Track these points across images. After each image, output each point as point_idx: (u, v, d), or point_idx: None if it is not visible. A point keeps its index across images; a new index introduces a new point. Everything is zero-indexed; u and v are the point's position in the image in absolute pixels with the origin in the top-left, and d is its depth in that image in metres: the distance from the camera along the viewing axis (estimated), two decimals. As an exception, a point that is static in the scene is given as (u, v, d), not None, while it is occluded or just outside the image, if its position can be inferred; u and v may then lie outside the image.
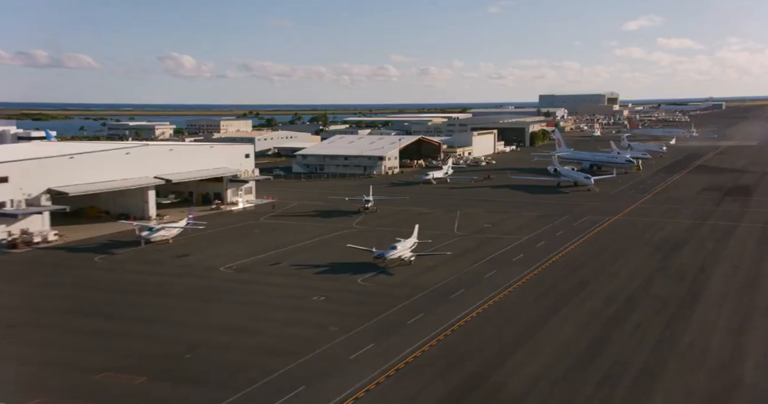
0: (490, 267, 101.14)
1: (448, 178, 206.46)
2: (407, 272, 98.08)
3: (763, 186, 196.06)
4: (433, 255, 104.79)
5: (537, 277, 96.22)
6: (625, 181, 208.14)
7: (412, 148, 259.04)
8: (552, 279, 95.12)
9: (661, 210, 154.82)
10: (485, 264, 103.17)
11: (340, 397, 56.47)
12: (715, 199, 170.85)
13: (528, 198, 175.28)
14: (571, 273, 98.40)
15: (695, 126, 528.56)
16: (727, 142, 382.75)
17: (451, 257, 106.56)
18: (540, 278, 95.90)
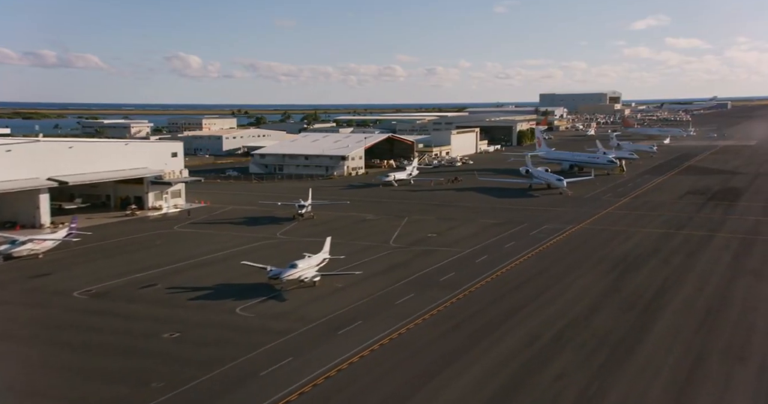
0: (409, 290, 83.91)
1: (411, 180, 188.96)
2: (305, 297, 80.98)
3: (753, 189, 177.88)
4: (342, 275, 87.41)
5: (459, 303, 78.91)
6: (604, 183, 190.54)
7: (384, 148, 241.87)
8: (476, 306, 77.85)
9: (633, 217, 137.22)
10: (404, 286, 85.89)
11: None
12: (696, 204, 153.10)
13: (491, 202, 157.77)
14: (502, 298, 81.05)
15: (696, 125, 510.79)
16: (725, 141, 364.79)
17: (368, 276, 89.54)
18: (462, 305, 78.60)
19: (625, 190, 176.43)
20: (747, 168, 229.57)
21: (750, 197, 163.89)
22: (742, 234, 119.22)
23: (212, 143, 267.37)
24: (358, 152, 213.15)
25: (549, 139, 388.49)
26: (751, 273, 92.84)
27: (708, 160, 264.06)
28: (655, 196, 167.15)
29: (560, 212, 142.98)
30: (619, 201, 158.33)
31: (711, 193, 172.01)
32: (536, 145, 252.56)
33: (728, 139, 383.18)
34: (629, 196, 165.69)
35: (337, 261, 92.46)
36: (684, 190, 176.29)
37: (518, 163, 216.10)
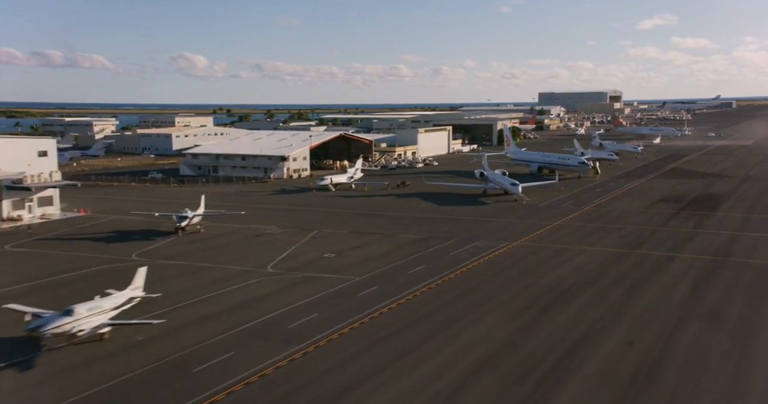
0: (233, 345, 60.25)
1: (353, 184, 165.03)
2: (77, 357, 57.37)
3: (737, 196, 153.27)
4: (141, 325, 63.71)
5: (282, 372, 55.09)
6: (570, 187, 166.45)
7: (341, 147, 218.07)
8: (304, 377, 54.06)
9: (586, 231, 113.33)
10: (233, 338, 62.33)
11: None
12: (666, 215, 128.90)
13: (429, 211, 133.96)
14: (350, 362, 57.24)
15: (696, 124, 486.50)
16: (720, 141, 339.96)
17: (187, 323, 65.90)
18: (286, 374, 54.81)
19: (591, 196, 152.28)
20: (735, 170, 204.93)
21: (731, 206, 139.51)
22: (709, 256, 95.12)
23: (161, 142, 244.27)
24: (301, 152, 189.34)
25: (535, 138, 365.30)
26: (705, 317, 68.86)
27: (696, 161, 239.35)
28: (622, 203, 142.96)
29: (503, 224, 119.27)
30: (578, 210, 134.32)
31: (687, 200, 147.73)
32: (505, 144, 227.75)
33: (724, 138, 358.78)
34: (592, 204, 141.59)
35: (151, 303, 68.87)
36: (657, 197, 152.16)
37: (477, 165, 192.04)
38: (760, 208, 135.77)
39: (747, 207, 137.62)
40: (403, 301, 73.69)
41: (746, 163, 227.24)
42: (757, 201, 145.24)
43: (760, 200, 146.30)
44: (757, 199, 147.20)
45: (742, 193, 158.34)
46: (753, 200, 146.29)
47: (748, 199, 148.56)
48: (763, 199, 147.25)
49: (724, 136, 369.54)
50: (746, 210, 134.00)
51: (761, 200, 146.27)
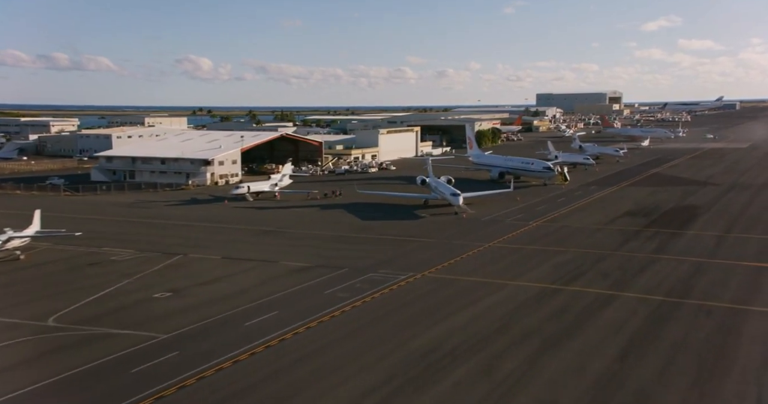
0: None
1: (277, 192, 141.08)
2: None
3: (717, 208, 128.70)
4: None
5: None
6: (530, 196, 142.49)
7: (287, 150, 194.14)
8: None
9: (520, 255, 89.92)
10: None
11: None
12: (627, 233, 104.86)
13: (346, 228, 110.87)
14: None
15: (695, 126, 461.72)
16: (715, 143, 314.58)
17: None
18: None
19: (548, 208, 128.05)
20: (723, 177, 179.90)
21: (707, 222, 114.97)
22: (661, 296, 71.15)
23: (100, 143, 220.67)
24: (231, 155, 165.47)
25: (519, 140, 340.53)
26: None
27: (682, 165, 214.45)
28: (580, 218, 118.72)
29: (425, 245, 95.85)
30: (524, 226, 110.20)
31: (657, 214, 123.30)
32: (468, 146, 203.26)
33: (720, 140, 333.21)
34: (545, 218, 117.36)
35: None
36: (624, 209, 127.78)
37: (438, 170, 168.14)
38: (739, 225, 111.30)
39: (725, 223, 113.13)
40: (193, 381, 49.59)
41: (737, 168, 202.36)
42: (738, 215, 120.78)
43: (742, 214, 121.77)
44: (739, 213, 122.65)
45: (724, 204, 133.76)
46: (734, 214, 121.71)
47: (728, 212, 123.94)
48: (746, 213, 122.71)
49: (720, 138, 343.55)
50: (723, 227, 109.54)
51: (744, 214, 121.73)
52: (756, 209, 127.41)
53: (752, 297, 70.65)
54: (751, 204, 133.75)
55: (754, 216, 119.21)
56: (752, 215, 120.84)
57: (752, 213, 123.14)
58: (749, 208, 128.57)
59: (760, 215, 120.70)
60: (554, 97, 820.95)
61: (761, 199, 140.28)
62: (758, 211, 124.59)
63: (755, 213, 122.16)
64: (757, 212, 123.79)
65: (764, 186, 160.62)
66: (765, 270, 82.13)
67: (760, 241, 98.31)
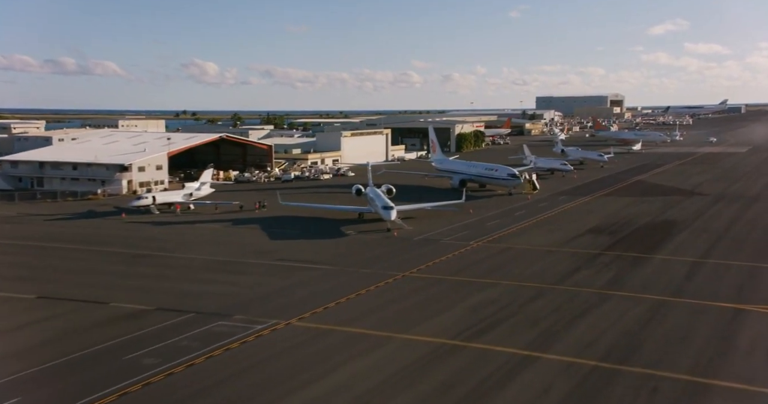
0: None
1: (191, 204, 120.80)
2: None
3: (698, 225, 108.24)
4: None
5: None
6: (483, 209, 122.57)
7: (235, 154, 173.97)
8: None
9: (432, 292, 70.52)
10: None
11: None
12: (582, 257, 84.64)
13: (243, 251, 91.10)
14: None
15: (696, 129, 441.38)
16: (713, 147, 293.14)
17: None
18: None
19: (501, 224, 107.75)
20: (713, 186, 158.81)
21: (682, 243, 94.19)
22: (595, 358, 50.39)
23: (39, 145, 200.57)
24: (155, 159, 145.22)
25: (506, 144, 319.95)
26: None
27: (671, 172, 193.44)
28: (531, 237, 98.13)
29: (317, 276, 76.11)
30: (459, 248, 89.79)
31: (626, 231, 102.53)
32: (430, 150, 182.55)
33: (719, 144, 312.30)
34: (490, 237, 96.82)
35: None
36: (590, 225, 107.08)
37: (393, 177, 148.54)
38: (721, 248, 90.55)
39: (704, 245, 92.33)
40: None
41: (730, 175, 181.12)
42: (721, 234, 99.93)
43: (726, 233, 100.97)
44: (723, 232, 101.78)
45: (708, 219, 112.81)
46: (716, 233, 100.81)
47: (710, 230, 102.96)
48: (730, 232, 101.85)
49: (719, 141, 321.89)
50: (701, 250, 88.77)
51: (728, 233, 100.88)
52: (743, 227, 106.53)
53: (720, 366, 49.97)
54: (738, 219, 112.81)
55: (740, 237, 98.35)
56: (737, 235, 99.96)
57: (738, 232, 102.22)
58: (735, 225, 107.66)
59: (747, 235, 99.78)
60: (554, 100, 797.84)
61: (751, 213, 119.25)
62: (745, 230, 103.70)
63: (741, 233, 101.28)
64: (744, 231, 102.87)
65: (757, 197, 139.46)
66: (745, 316, 61.42)
67: (743, 271, 77.60)
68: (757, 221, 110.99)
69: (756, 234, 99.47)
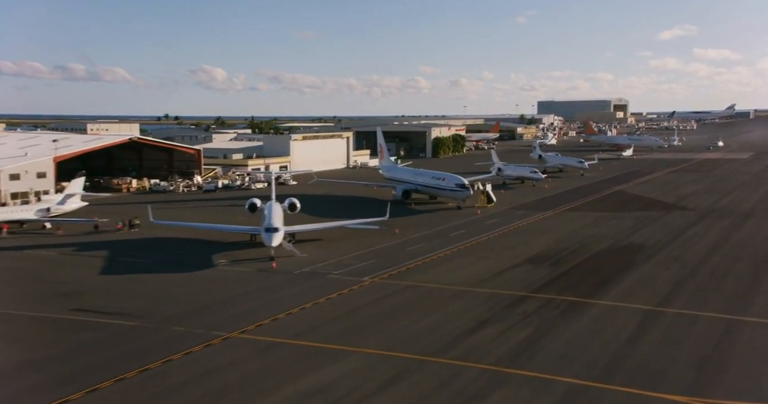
0: None
1: (47, 223, 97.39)
2: None
3: (668, 252, 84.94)
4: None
5: None
6: (415, 227, 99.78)
7: (159, 159, 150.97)
8: None
9: (227, 380, 45.24)
10: None
11: None
12: (497, 304, 62.29)
13: (48, 291, 66.83)
14: None
15: (701, 134, 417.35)
16: (712, 153, 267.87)
17: None
18: None
19: (420, 250, 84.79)
20: (701, 198, 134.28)
21: (640, 280, 70.58)
22: None
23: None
24: (36, 165, 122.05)
25: (490, 149, 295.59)
26: None
27: (658, 181, 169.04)
28: (452, 268, 75.30)
29: (91, 341, 52.09)
30: (347, 286, 67.14)
31: (576, 260, 79.15)
32: (378, 156, 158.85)
33: (719, 150, 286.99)
34: (397, 268, 73.90)
35: None
36: (534, 251, 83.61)
37: (333, 187, 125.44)
38: (690, 288, 67.23)
39: (668, 283, 68.71)
40: None
41: (724, 185, 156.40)
42: (696, 265, 76.29)
43: (703, 264, 77.18)
44: (700, 261, 78.05)
45: (684, 243, 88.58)
46: (690, 264, 76.91)
47: (683, 260, 78.90)
48: (709, 262, 78.02)
49: (715, 149, 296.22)
50: (662, 292, 65.19)
51: (705, 264, 77.09)
52: (726, 255, 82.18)
53: None
54: (722, 244, 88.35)
55: (719, 270, 74.18)
56: (717, 267, 75.70)
57: (718, 263, 77.88)
58: (717, 253, 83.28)
59: (730, 267, 75.50)
60: (556, 104, 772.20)
61: (740, 235, 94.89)
62: (728, 260, 79.37)
63: (722, 264, 77.03)
64: (727, 261, 78.56)
65: (750, 213, 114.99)
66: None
67: (712, 330, 53.48)
68: (746, 246, 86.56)
69: (741, 267, 75.12)
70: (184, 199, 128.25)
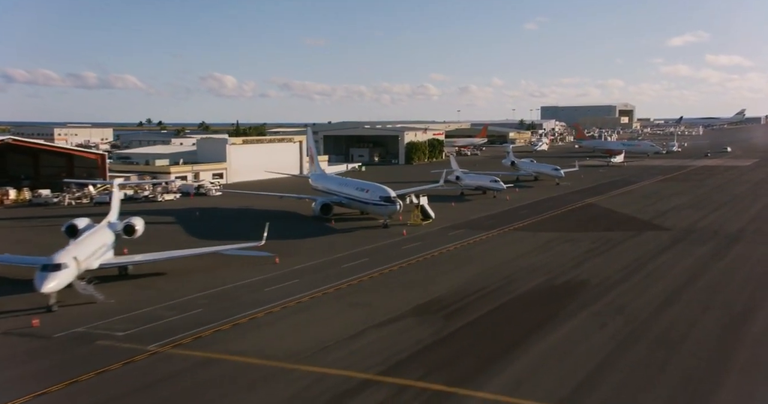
0: None
1: None
2: None
3: (616, 297, 60.51)
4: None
5: None
6: (305, 255, 77.49)
7: (58, 166, 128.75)
8: None
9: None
10: None
11: None
12: (309, 401, 35.56)
13: None
14: None
15: (706, 140, 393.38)
16: (713, 160, 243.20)
17: None
18: None
19: (279, 292, 61.96)
20: (683, 214, 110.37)
21: (556, 346, 48.41)
22: None
23: None
24: None
25: (474, 155, 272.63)
26: None
27: (639, 192, 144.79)
28: (296, 326, 53.09)
29: None
30: (113, 363, 43.00)
31: (479, 312, 56.31)
32: (309, 164, 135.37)
33: (722, 156, 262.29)
34: (213, 326, 50.50)
35: None
36: (429, 295, 59.72)
37: (248, 199, 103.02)
38: (623, 366, 44.29)
39: (596, 354, 45.12)
40: None
41: (716, 198, 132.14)
42: (645, 322, 53.61)
43: (654, 320, 54.28)
44: (651, 315, 55.49)
45: (640, 282, 64.98)
46: (637, 319, 54.56)
47: (629, 310, 55.79)
48: (663, 316, 55.17)
49: (713, 155, 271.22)
50: (581, 372, 41.33)
51: (658, 320, 54.16)
52: (691, 303, 58.75)
53: None
54: (689, 285, 64.50)
55: (676, 332, 51.24)
56: (674, 324, 52.90)
57: (677, 317, 54.80)
58: (679, 298, 59.73)
59: (692, 325, 52.27)
60: (560, 109, 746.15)
61: (718, 268, 71.25)
62: (692, 312, 56.04)
63: (683, 319, 54.14)
64: (690, 315, 55.31)
65: (738, 235, 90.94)
66: None
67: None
68: (721, 288, 62.71)
69: (708, 325, 51.55)
70: (64, 215, 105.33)
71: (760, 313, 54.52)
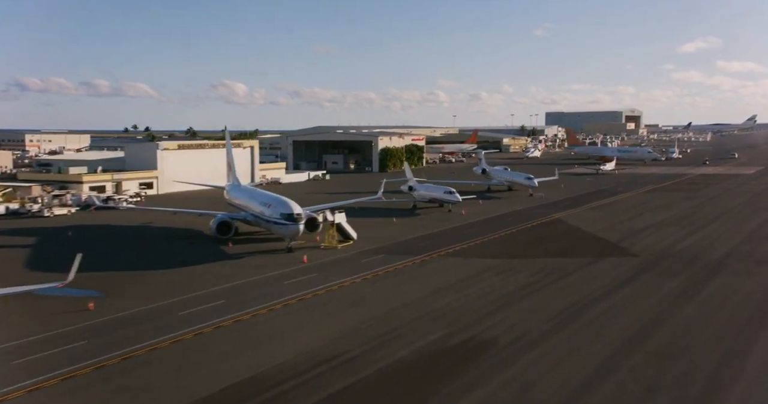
0: None
1: None
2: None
3: (519, 370, 39.51)
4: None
5: None
6: (133, 299, 56.06)
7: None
8: None
9: None
10: None
11: None
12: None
13: None
14: None
15: (713, 146, 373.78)
16: (714, 168, 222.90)
17: None
18: None
19: (30, 371, 40.35)
20: (661, 233, 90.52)
21: None
22: None
23: None
24: None
25: (459, 162, 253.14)
26: None
27: (620, 205, 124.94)
28: None
29: None
30: None
31: (326, 391, 34.04)
32: (226, 175, 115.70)
33: (723, 163, 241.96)
34: None
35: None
36: (239, 377, 38.84)
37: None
38: None
39: None
40: None
41: (706, 212, 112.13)
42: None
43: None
44: (570, 401, 33.35)
45: (570, 338, 45.98)
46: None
47: (533, 394, 33.82)
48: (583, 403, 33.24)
49: (716, 162, 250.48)
50: None
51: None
52: (635, 379, 39.19)
53: None
54: (639, 345, 45.23)
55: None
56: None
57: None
58: (617, 370, 40.59)
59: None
60: (565, 115, 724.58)
61: (681, 318, 52.84)
62: (632, 397, 35.03)
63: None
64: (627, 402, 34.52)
65: (721, 263, 71.26)
66: None
67: None
68: (680, 352, 43.16)
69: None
70: None
71: (730, 398, 34.78)
